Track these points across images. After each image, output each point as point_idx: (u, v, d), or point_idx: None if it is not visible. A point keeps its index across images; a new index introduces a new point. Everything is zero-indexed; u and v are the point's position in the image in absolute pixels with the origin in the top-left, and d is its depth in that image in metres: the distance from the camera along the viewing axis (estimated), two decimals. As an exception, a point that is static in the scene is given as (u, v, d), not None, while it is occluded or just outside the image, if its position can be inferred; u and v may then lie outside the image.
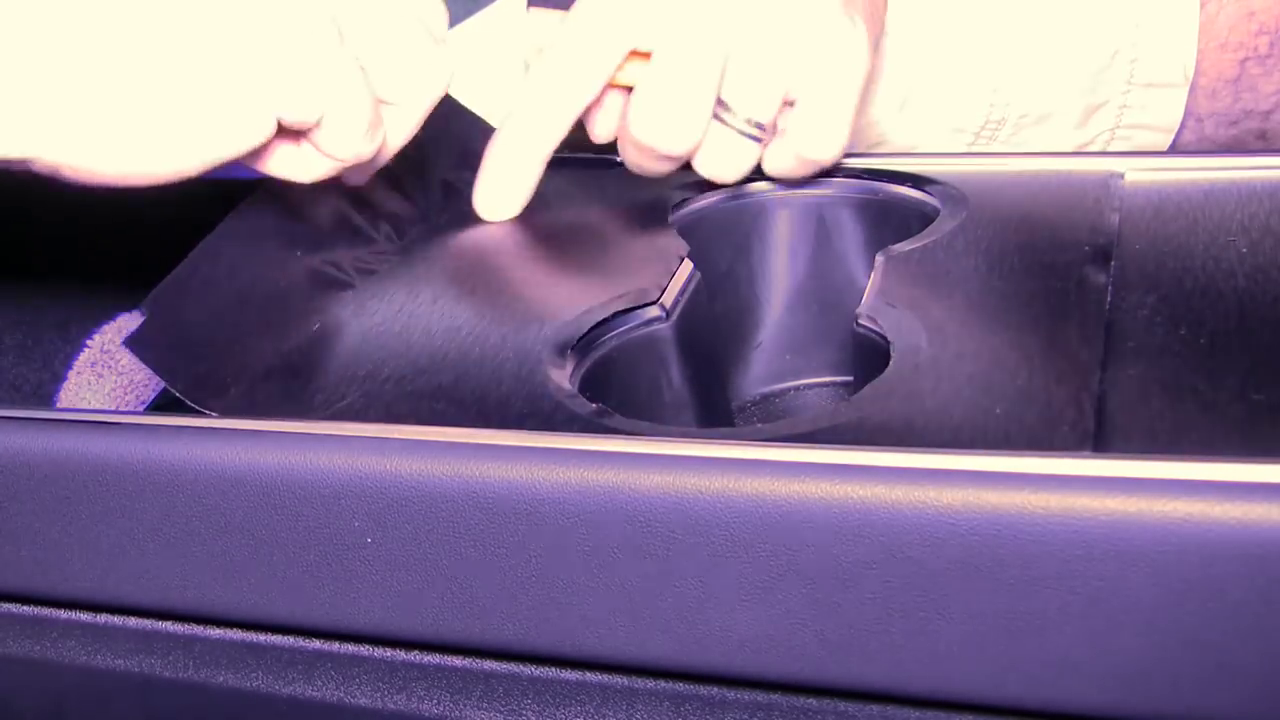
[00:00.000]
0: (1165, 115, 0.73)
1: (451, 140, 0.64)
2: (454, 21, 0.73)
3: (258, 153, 0.50)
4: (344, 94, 0.49)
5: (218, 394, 0.49)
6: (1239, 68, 0.73)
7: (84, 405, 0.68)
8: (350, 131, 0.50)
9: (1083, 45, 0.72)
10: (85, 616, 0.51)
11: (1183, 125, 0.74)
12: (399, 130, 0.54)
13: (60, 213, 0.68)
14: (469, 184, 0.62)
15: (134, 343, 0.49)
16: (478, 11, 0.76)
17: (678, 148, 0.58)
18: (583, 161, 0.64)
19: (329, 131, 0.50)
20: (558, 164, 0.63)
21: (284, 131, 0.50)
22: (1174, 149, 0.74)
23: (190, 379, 0.50)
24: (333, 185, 0.59)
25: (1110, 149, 0.74)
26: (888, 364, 0.47)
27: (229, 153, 0.48)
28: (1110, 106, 0.73)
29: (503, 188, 0.60)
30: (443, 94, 0.54)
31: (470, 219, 0.60)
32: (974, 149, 0.74)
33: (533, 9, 0.65)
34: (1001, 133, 0.73)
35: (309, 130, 0.50)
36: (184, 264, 0.52)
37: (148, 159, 0.47)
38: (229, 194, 0.65)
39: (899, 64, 0.73)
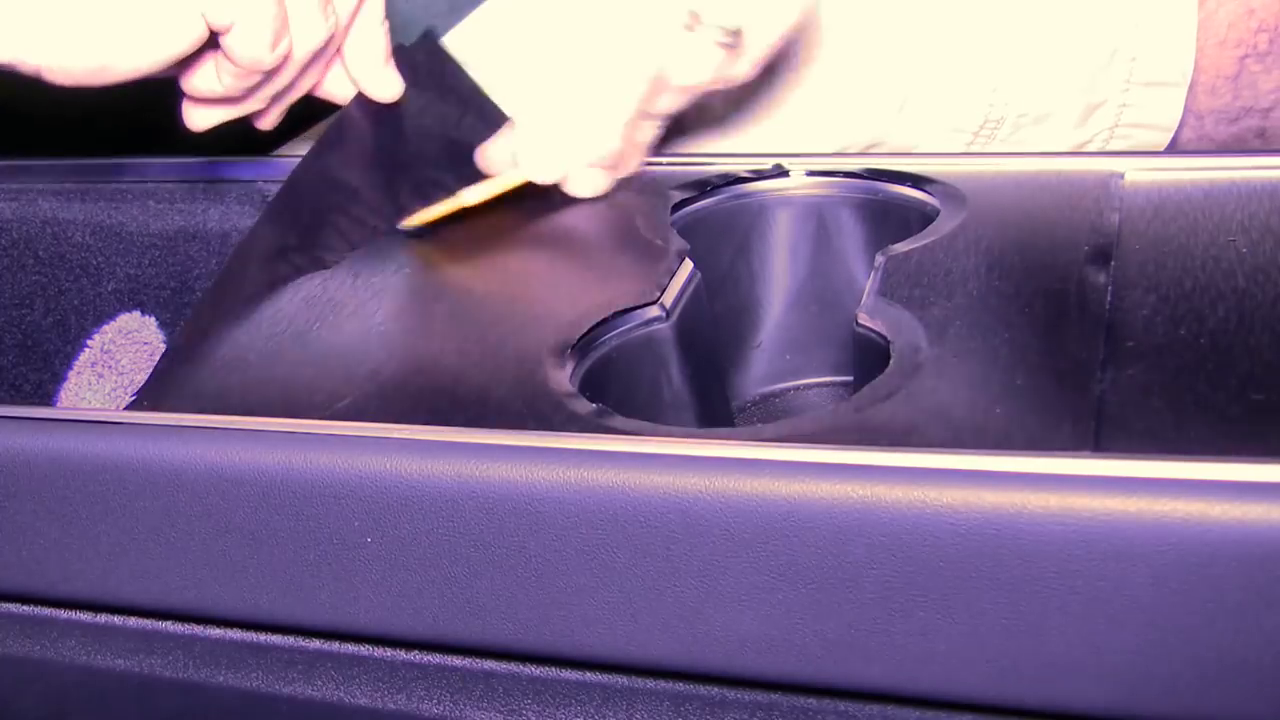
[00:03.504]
0: (1164, 114, 0.73)
1: (450, 141, 0.64)
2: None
3: (189, 59, 0.58)
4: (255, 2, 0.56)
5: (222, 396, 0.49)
6: (1238, 65, 0.73)
7: (84, 405, 0.68)
8: (255, 35, 0.56)
9: (1082, 44, 0.72)
10: (85, 616, 0.51)
11: (1182, 123, 0.74)
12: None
13: (60, 212, 0.68)
14: (468, 185, 0.62)
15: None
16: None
17: None
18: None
19: (237, 34, 0.56)
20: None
21: (209, 43, 0.57)
22: (1173, 146, 0.74)
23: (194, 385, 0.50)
24: (333, 188, 0.60)
25: (1109, 148, 0.74)
26: (888, 364, 0.47)
27: (174, 50, 0.56)
28: (1109, 106, 0.73)
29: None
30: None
31: (470, 220, 0.60)
32: (973, 149, 0.74)
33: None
34: (1000, 132, 0.73)
35: (224, 34, 0.56)
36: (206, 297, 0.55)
37: (109, 56, 0.55)
38: (224, 197, 0.65)
39: (898, 64, 0.73)
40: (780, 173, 0.61)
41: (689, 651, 0.43)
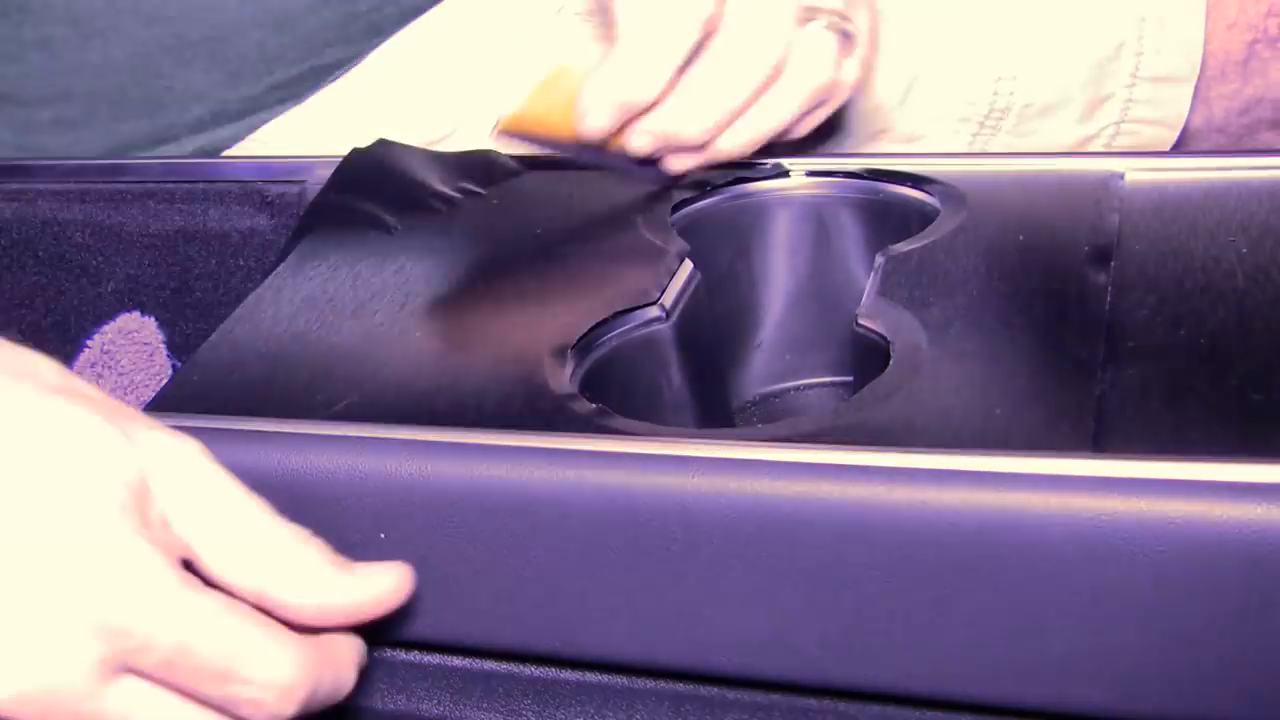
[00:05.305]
0: (1171, 110, 0.73)
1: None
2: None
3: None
4: None
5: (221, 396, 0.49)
6: (1247, 49, 0.72)
7: (84, 405, 0.68)
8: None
9: (1088, 37, 0.72)
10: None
11: (1191, 109, 0.73)
12: None
13: (60, 212, 0.68)
14: (468, 189, 0.62)
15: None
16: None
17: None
18: (581, 162, 0.64)
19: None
20: (555, 165, 0.63)
21: None
22: (1183, 134, 0.74)
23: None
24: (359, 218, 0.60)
25: (1116, 143, 0.74)
26: (888, 364, 0.47)
27: None
28: (1116, 100, 0.73)
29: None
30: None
31: (469, 220, 0.60)
32: (979, 138, 0.74)
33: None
34: (1005, 123, 0.73)
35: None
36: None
37: None
38: (224, 197, 0.65)
39: (903, 52, 0.72)
40: (780, 173, 0.61)
41: (689, 651, 0.43)
